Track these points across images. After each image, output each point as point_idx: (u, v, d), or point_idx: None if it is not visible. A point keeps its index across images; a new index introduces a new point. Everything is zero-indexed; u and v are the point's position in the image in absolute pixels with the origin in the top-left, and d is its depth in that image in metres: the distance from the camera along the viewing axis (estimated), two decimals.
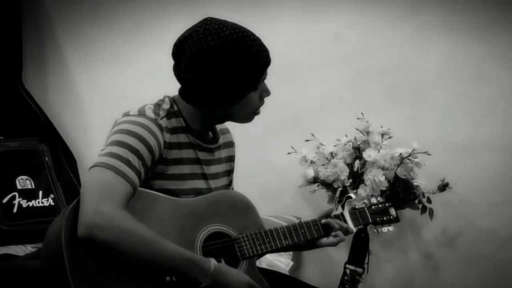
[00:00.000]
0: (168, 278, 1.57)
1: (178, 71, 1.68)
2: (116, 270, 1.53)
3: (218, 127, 1.85)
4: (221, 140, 1.84)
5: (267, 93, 1.74)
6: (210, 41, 1.62)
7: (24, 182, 2.90)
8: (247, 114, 1.74)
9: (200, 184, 1.74)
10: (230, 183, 1.91)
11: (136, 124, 1.61)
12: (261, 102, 1.75)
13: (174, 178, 1.68)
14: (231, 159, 1.90)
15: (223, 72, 1.64)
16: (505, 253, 2.95)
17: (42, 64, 3.30)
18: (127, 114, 1.66)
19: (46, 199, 2.90)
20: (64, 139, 3.15)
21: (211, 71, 1.64)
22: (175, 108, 1.71)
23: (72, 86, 3.30)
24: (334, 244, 1.87)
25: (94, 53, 3.27)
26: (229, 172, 1.89)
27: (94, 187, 1.51)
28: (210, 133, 1.81)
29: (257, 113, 1.77)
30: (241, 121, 1.76)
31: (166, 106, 1.70)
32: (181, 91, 1.73)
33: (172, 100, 1.72)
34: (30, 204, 2.86)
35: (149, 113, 1.66)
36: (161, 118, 1.66)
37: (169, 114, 1.69)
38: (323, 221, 1.87)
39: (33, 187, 2.91)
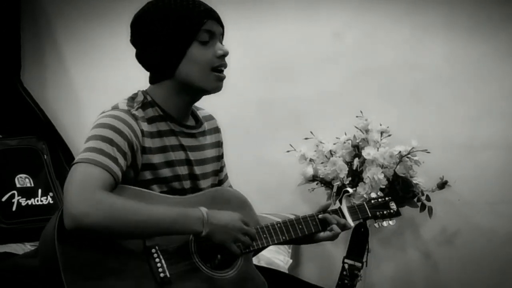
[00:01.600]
0: (162, 275, 1.58)
1: (136, 55, 1.77)
2: (110, 266, 1.54)
3: (201, 114, 1.86)
4: (205, 126, 1.84)
5: (222, 50, 1.72)
6: (138, 13, 1.74)
7: (23, 180, 2.90)
8: (202, 73, 1.70)
9: (186, 170, 1.75)
10: (221, 169, 1.92)
11: (108, 116, 1.64)
12: (218, 60, 1.71)
13: (163, 166, 1.69)
14: (218, 144, 1.90)
15: (157, 30, 1.69)
16: (504, 251, 2.96)
17: (40, 62, 3.30)
18: (102, 112, 1.69)
19: (45, 198, 2.90)
20: (62, 137, 3.15)
21: (148, 35, 1.70)
22: (149, 98, 1.73)
23: (71, 84, 3.30)
24: (330, 238, 1.86)
25: (93, 51, 3.26)
26: (219, 158, 1.90)
27: (72, 181, 1.52)
28: (191, 119, 1.81)
29: (220, 75, 1.72)
30: (203, 84, 1.71)
31: (140, 98, 1.72)
32: (149, 79, 1.77)
33: (145, 92, 1.75)
34: (29, 202, 2.86)
35: (122, 106, 1.69)
36: (136, 109, 1.68)
37: (144, 105, 1.71)
38: (320, 216, 1.86)
39: (32, 185, 2.90)
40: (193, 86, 1.71)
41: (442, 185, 2.83)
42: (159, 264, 1.59)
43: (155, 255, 1.60)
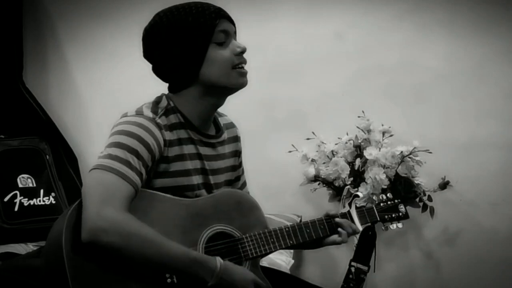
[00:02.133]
0: (169, 280, 1.56)
1: (152, 69, 1.74)
2: (117, 274, 1.53)
3: (222, 121, 1.85)
4: (225, 135, 1.83)
5: (240, 47, 1.71)
6: (148, 26, 1.72)
7: (25, 180, 2.90)
8: (224, 72, 1.69)
9: (201, 179, 1.73)
10: (236, 179, 1.90)
11: (134, 124, 1.61)
12: (237, 57, 1.71)
13: (178, 175, 1.68)
14: (236, 154, 1.88)
15: (172, 40, 1.67)
16: (505, 251, 2.95)
17: (43, 62, 3.30)
18: (125, 115, 1.66)
19: (47, 198, 2.90)
20: (65, 138, 3.15)
21: (162, 48, 1.68)
22: (172, 104, 1.71)
23: (73, 84, 3.30)
24: (337, 243, 1.85)
25: (95, 51, 3.26)
26: (235, 168, 1.88)
27: (96, 190, 1.50)
28: (212, 127, 1.80)
29: (241, 70, 1.71)
30: (228, 83, 1.70)
31: (164, 103, 1.70)
32: (168, 87, 1.75)
33: (168, 97, 1.73)
34: (31, 202, 2.86)
35: (147, 112, 1.66)
36: (160, 117, 1.66)
37: (167, 111, 1.69)
38: (337, 220, 1.85)
39: (34, 185, 2.90)
40: (217, 86, 1.70)
41: (444, 185, 2.83)
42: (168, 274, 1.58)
43: None
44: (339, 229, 1.85)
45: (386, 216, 1.99)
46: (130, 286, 1.53)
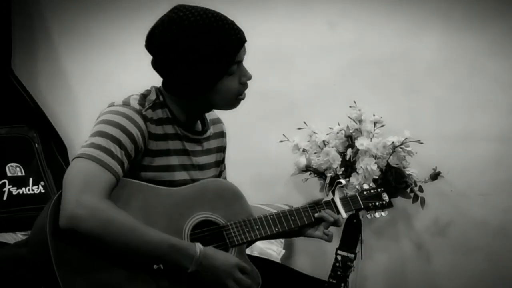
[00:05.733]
0: (155, 266, 1.56)
1: (152, 63, 1.69)
2: (102, 259, 1.53)
3: (209, 117, 1.84)
4: (211, 131, 1.83)
5: (247, 77, 1.71)
6: (174, 30, 1.62)
7: (14, 169, 2.88)
8: (227, 101, 1.71)
9: (187, 175, 1.73)
10: (219, 174, 1.90)
11: (119, 114, 1.60)
12: (242, 86, 1.72)
13: (162, 170, 1.67)
14: (221, 149, 1.88)
15: (188, 61, 1.62)
16: (496, 242, 2.96)
17: (32, 50, 3.27)
18: (111, 105, 1.65)
19: (36, 187, 2.89)
20: (54, 126, 3.13)
21: (176, 60, 1.63)
22: (161, 99, 1.70)
23: (62, 72, 3.27)
24: (321, 238, 1.86)
25: (85, 40, 3.24)
26: (218, 163, 1.88)
27: (76, 178, 1.50)
28: (199, 123, 1.79)
29: (241, 98, 1.74)
30: (225, 108, 1.74)
31: (152, 97, 1.69)
32: (162, 82, 1.73)
33: (158, 91, 1.71)
34: (20, 191, 2.85)
35: (134, 103, 1.65)
36: (146, 109, 1.65)
37: (155, 105, 1.68)
38: (316, 215, 1.85)
39: (23, 174, 2.89)
40: (215, 108, 1.75)
41: (435, 176, 2.83)
42: None
43: None
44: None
45: (370, 204, 2.00)
46: (116, 271, 1.53)
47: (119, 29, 3.17)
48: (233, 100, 1.72)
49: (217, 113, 1.89)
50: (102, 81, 3.18)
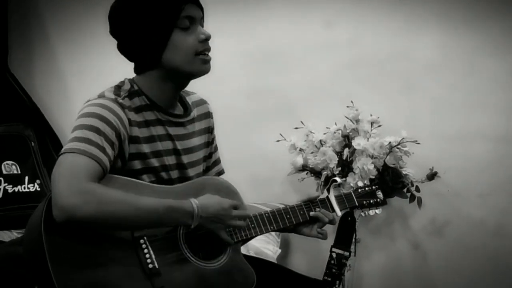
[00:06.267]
0: (150, 266, 1.57)
1: (117, 46, 1.75)
2: (99, 257, 1.53)
3: (192, 99, 1.85)
4: (195, 113, 1.83)
5: (205, 34, 1.70)
6: (114, 3, 1.72)
7: (9, 167, 2.87)
8: (187, 58, 1.68)
9: (174, 160, 1.74)
10: (210, 155, 1.91)
11: (95, 105, 1.62)
12: (201, 44, 1.70)
13: (150, 156, 1.68)
14: (208, 130, 1.89)
15: (136, 19, 1.67)
16: (492, 243, 2.96)
17: (28, 48, 3.26)
18: (87, 101, 1.68)
19: (32, 185, 2.88)
20: (50, 124, 3.12)
21: (127, 23, 1.68)
22: (136, 87, 1.71)
23: (59, 71, 3.26)
24: (316, 237, 1.87)
25: (82, 38, 3.23)
26: (208, 144, 1.88)
27: (61, 172, 1.51)
28: (179, 106, 1.80)
29: (204, 58, 1.70)
30: (191, 70, 1.70)
31: (127, 87, 1.71)
32: (134, 67, 1.75)
33: (132, 81, 1.73)
34: (16, 189, 2.84)
35: (109, 94, 1.67)
36: (123, 98, 1.66)
37: (131, 94, 1.69)
38: (312, 214, 1.87)
39: (19, 172, 2.88)
40: (179, 72, 1.70)
41: (432, 176, 2.83)
42: (147, 255, 1.58)
43: (144, 245, 1.59)
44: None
45: (364, 202, 2.01)
46: (110, 269, 1.53)
47: None
48: (192, 57, 1.69)
49: (201, 96, 1.90)
50: (98, 80, 3.12)
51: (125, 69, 1.79)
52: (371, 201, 2.02)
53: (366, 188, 2.04)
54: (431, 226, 3.02)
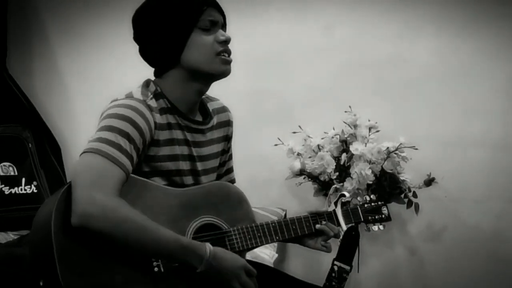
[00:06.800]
0: (156, 269, 1.56)
1: (139, 51, 1.74)
2: (105, 259, 1.52)
3: (213, 106, 1.84)
4: (214, 120, 1.82)
5: (224, 36, 1.70)
6: (139, 8, 1.73)
7: (6, 168, 2.87)
8: (206, 58, 1.68)
9: (188, 165, 1.73)
10: (223, 164, 1.90)
11: (125, 106, 1.60)
12: (220, 45, 1.69)
13: (167, 160, 1.68)
14: (226, 138, 1.88)
15: (157, 21, 1.68)
16: (489, 248, 2.96)
17: (27, 49, 3.26)
18: (115, 100, 1.65)
19: (29, 187, 2.87)
20: (48, 126, 3.12)
21: (149, 26, 1.69)
22: (159, 90, 1.70)
23: (58, 72, 3.26)
24: (320, 250, 1.88)
25: (81, 39, 3.23)
26: (223, 152, 1.88)
27: (86, 174, 1.49)
28: (199, 113, 1.79)
29: (224, 59, 1.70)
30: (211, 70, 1.69)
31: (152, 88, 1.70)
32: (154, 71, 1.74)
33: (155, 83, 1.73)
34: (13, 191, 2.83)
35: (137, 95, 1.66)
36: (150, 99, 1.66)
37: (156, 95, 1.69)
38: (317, 226, 1.87)
39: (16, 174, 2.87)
40: (200, 71, 1.69)
41: (429, 182, 2.83)
42: (154, 259, 1.58)
43: None
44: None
45: (369, 217, 2.02)
46: (116, 273, 1.52)
47: (114, 29, 3.15)
48: (212, 57, 1.68)
49: (223, 103, 1.90)
50: (97, 81, 3.16)
51: (124, 70, 1.79)
52: (376, 216, 2.03)
53: (372, 204, 2.05)
54: (428, 231, 3.02)
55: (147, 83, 1.72)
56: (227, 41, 1.70)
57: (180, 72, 1.69)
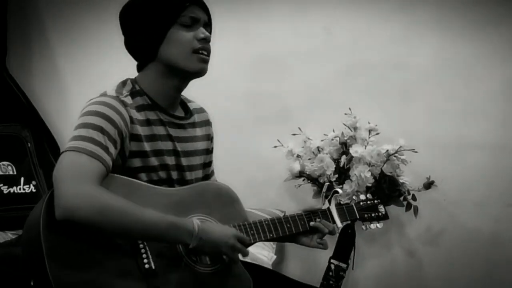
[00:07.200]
0: (147, 266, 1.57)
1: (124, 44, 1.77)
2: (95, 255, 1.53)
3: (192, 106, 1.85)
4: (195, 118, 1.84)
5: (204, 34, 1.71)
6: (126, 3, 1.75)
7: (5, 168, 2.86)
8: (184, 55, 1.68)
9: (173, 160, 1.74)
10: (209, 164, 1.91)
11: (97, 103, 1.63)
12: (200, 43, 1.70)
13: (152, 155, 1.69)
14: (208, 137, 1.90)
15: (139, 14, 1.70)
16: (488, 251, 2.96)
17: (26, 49, 3.26)
18: (90, 100, 1.68)
19: (27, 186, 2.87)
20: (47, 126, 3.11)
21: (131, 19, 1.72)
22: (138, 87, 1.72)
23: (57, 72, 3.26)
24: (316, 248, 1.87)
25: (80, 40, 3.23)
26: (207, 151, 1.89)
27: (65, 171, 1.52)
28: (181, 109, 1.81)
29: (202, 57, 1.70)
30: (187, 67, 1.69)
31: (129, 87, 1.72)
32: (136, 65, 1.77)
33: (134, 81, 1.74)
34: (12, 190, 2.83)
35: (111, 92, 1.69)
36: (125, 96, 1.68)
37: (133, 94, 1.70)
38: (312, 224, 1.85)
39: (15, 173, 2.87)
40: (176, 67, 1.70)
41: (429, 185, 2.83)
42: (144, 255, 1.58)
43: (141, 246, 1.59)
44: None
45: (365, 215, 2.00)
46: (106, 268, 1.53)
47: (114, 29, 3.14)
48: (189, 54, 1.69)
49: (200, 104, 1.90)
50: (97, 81, 3.12)
51: (124, 70, 1.79)
52: (373, 214, 2.01)
53: (368, 202, 2.04)
54: (427, 234, 3.02)
55: (123, 82, 1.74)
56: (206, 39, 1.71)
57: (158, 67, 1.71)
